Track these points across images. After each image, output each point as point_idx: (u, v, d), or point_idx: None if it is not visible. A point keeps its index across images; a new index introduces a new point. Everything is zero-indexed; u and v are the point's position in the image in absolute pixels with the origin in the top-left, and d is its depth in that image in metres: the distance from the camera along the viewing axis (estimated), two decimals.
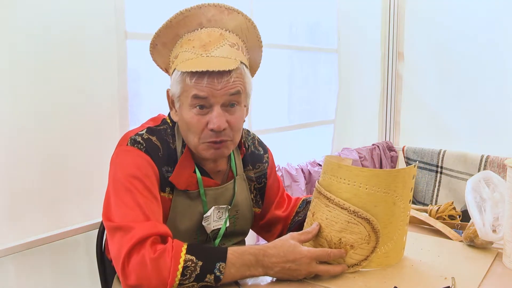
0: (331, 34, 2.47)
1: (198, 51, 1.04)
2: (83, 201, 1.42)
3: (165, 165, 1.08)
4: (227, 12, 1.08)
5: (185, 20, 1.06)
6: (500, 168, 2.25)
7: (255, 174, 1.28)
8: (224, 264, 0.94)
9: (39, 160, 1.30)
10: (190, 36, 1.07)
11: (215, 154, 1.10)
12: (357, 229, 1.03)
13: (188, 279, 0.92)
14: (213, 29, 1.07)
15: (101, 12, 1.40)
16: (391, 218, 1.06)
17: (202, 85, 1.02)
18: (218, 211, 1.16)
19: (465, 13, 2.50)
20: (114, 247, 0.96)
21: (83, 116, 1.39)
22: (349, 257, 1.05)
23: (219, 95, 1.03)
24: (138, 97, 1.60)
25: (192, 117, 1.05)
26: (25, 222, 1.30)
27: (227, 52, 1.05)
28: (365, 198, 1.03)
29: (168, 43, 1.10)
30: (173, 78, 1.08)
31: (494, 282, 1.03)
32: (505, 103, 2.39)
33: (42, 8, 1.27)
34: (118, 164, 1.06)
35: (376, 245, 1.05)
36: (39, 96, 1.29)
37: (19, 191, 1.28)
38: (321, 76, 2.49)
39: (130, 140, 1.07)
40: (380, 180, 1.02)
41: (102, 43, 1.41)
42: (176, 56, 1.08)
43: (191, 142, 1.09)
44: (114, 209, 1.00)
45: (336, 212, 1.04)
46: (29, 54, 1.26)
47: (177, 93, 1.06)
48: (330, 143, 2.53)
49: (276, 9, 2.12)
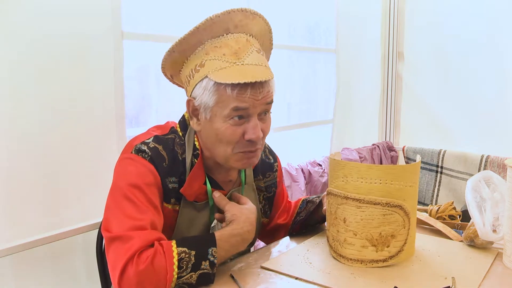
0: (329, 34, 2.47)
1: (230, 59, 1.00)
2: (82, 201, 1.41)
3: (170, 176, 1.05)
4: (251, 17, 1.05)
5: (212, 27, 1.01)
6: (500, 168, 2.25)
7: (265, 184, 1.27)
8: (215, 248, 0.97)
9: (38, 161, 1.30)
10: (215, 42, 1.02)
11: (248, 164, 1.09)
12: (393, 218, 1.07)
13: (185, 271, 0.93)
14: (239, 35, 1.04)
15: (98, 12, 1.40)
16: (414, 210, 1.12)
17: (245, 96, 0.99)
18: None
19: (465, 13, 2.50)
20: (111, 258, 0.95)
21: (80, 116, 1.39)
22: (392, 246, 1.08)
23: (258, 105, 1.02)
24: (135, 97, 1.60)
25: (227, 128, 1.02)
26: (25, 222, 1.30)
27: (257, 59, 1.03)
28: (396, 194, 1.07)
29: (187, 50, 1.04)
30: (202, 87, 1.02)
31: (494, 282, 1.03)
32: (505, 103, 2.39)
33: (38, 8, 1.27)
34: (120, 172, 1.04)
35: (410, 227, 1.10)
36: (35, 96, 1.29)
37: (19, 191, 1.27)
38: (320, 76, 2.49)
39: (135, 149, 1.04)
40: (408, 175, 1.08)
41: (99, 43, 1.41)
42: (202, 64, 1.02)
43: (221, 153, 1.06)
44: (113, 219, 0.98)
45: (370, 210, 1.07)
46: (25, 54, 1.25)
47: (210, 103, 1.01)
48: (329, 143, 2.54)
49: (274, 9, 2.12)
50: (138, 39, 1.56)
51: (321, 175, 2.26)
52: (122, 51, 1.47)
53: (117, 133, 1.47)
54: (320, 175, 2.24)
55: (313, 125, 2.46)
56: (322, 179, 2.25)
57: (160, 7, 1.64)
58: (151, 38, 1.59)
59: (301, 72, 2.39)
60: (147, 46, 1.59)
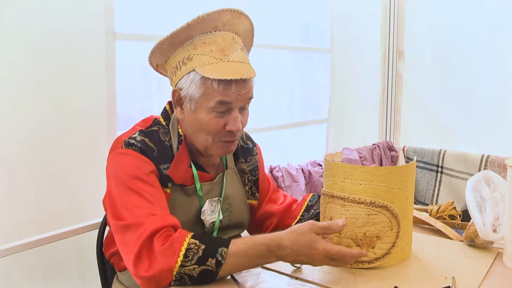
0: (325, 34, 2.48)
1: (217, 55, 1.08)
2: (82, 201, 1.42)
3: (162, 163, 1.11)
4: (238, 17, 1.13)
5: (201, 24, 1.09)
6: (501, 167, 2.25)
7: (248, 167, 1.31)
8: (226, 249, 0.97)
9: (34, 161, 1.31)
10: (203, 38, 1.10)
11: (226, 152, 1.17)
12: (378, 219, 1.06)
13: (190, 261, 0.95)
14: (226, 33, 1.12)
15: (90, 13, 1.41)
16: (405, 212, 1.10)
17: (230, 91, 1.07)
18: (211, 204, 1.20)
19: (466, 13, 2.50)
20: (126, 243, 0.99)
21: (71, 115, 1.40)
22: (378, 248, 1.07)
23: (240, 100, 1.10)
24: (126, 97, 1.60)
25: (211, 119, 1.10)
26: (26, 222, 1.30)
27: (241, 56, 1.12)
28: (383, 196, 1.06)
29: (176, 43, 1.11)
30: (189, 80, 1.09)
31: (494, 282, 1.03)
32: (506, 103, 2.39)
33: (30, 8, 1.27)
34: (118, 166, 1.08)
35: (399, 230, 1.08)
36: (26, 96, 1.29)
37: (19, 191, 1.28)
38: (316, 76, 2.50)
39: (125, 143, 1.10)
40: (395, 177, 1.07)
41: (91, 44, 1.42)
42: (189, 58, 1.09)
43: (201, 141, 1.13)
44: (122, 208, 1.03)
45: (354, 209, 1.06)
46: (16, 54, 1.26)
47: (196, 95, 1.09)
48: (325, 142, 2.54)
49: (269, 9, 2.12)
50: (130, 40, 1.56)
51: (321, 175, 2.26)
52: (114, 51, 1.48)
53: (108, 132, 1.49)
54: (320, 175, 2.24)
55: (306, 124, 2.46)
56: (322, 179, 2.25)
57: (153, 7, 1.64)
58: (143, 39, 1.59)
59: (296, 72, 2.39)
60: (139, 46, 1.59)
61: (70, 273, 1.44)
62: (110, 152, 1.13)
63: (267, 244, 0.98)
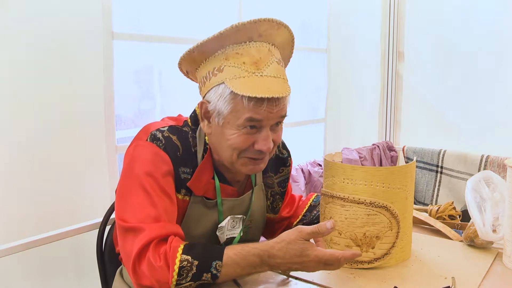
0: (322, 34, 2.47)
1: (249, 68, 1.00)
2: (81, 201, 1.42)
3: (182, 166, 1.06)
4: (277, 27, 1.04)
5: (236, 34, 1.01)
6: (500, 168, 2.25)
7: (278, 179, 1.27)
8: (220, 262, 0.94)
9: (33, 161, 1.31)
10: (237, 49, 1.02)
11: (254, 170, 1.09)
12: (378, 219, 1.06)
13: (184, 279, 0.93)
14: (262, 44, 1.04)
15: (88, 13, 1.41)
16: (405, 213, 1.10)
17: (261, 109, 1.00)
18: (233, 221, 1.15)
19: (466, 12, 2.50)
20: (125, 248, 0.98)
21: (69, 116, 1.39)
22: (377, 248, 1.07)
23: (272, 118, 1.02)
24: (124, 97, 1.60)
25: (239, 136, 1.03)
26: (26, 222, 1.30)
27: (276, 70, 1.03)
28: (382, 196, 1.06)
29: (207, 52, 1.04)
30: (218, 93, 1.02)
31: (494, 282, 1.03)
32: (506, 103, 2.39)
33: (28, 8, 1.27)
34: (135, 159, 1.04)
35: (399, 230, 1.08)
36: (24, 96, 1.29)
37: (17, 191, 1.28)
38: (314, 76, 2.49)
39: (151, 136, 1.05)
40: (395, 177, 1.07)
41: (89, 43, 1.42)
42: (220, 69, 1.02)
43: (227, 157, 1.06)
44: (127, 208, 1.00)
45: (353, 209, 1.06)
46: (14, 54, 1.26)
47: (225, 111, 1.01)
48: (322, 142, 2.54)
49: (269, 9, 2.12)
50: (129, 39, 1.56)
51: (321, 175, 2.25)
52: (112, 51, 1.48)
53: (105, 132, 1.48)
54: (320, 175, 2.24)
55: (303, 124, 2.45)
56: (322, 179, 2.25)
57: (151, 7, 1.64)
58: (142, 39, 1.59)
59: (293, 71, 2.38)
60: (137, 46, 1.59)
61: (70, 273, 1.44)
62: (134, 140, 1.08)
63: (258, 254, 0.96)
